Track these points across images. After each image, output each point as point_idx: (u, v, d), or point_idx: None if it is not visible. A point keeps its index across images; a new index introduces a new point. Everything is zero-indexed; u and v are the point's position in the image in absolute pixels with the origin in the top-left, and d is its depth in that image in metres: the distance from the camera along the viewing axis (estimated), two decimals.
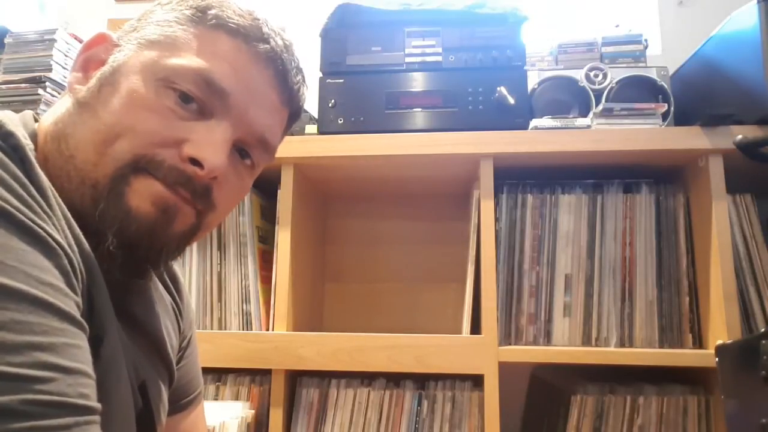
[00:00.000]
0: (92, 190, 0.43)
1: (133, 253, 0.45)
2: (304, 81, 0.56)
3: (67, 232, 0.39)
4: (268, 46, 0.50)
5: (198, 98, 0.46)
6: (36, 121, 0.48)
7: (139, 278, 0.54)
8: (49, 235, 0.36)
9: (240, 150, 0.51)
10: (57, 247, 0.36)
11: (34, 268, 0.34)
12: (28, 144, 0.40)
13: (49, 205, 0.38)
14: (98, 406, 0.35)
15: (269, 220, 1.11)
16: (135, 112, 0.44)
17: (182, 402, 0.65)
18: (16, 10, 1.43)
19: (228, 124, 0.47)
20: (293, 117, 0.57)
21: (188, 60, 0.46)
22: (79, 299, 0.38)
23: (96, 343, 0.40)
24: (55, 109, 0.48)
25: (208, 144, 0.46)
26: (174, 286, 0.63)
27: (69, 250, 0.38)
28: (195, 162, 0.45)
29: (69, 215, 0.40)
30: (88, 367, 0.36)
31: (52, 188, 0.39)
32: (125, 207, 0.43)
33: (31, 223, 0.35)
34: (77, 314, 0.36)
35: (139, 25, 0.50)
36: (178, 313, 0.63)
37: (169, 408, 0.61)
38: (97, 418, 0.35)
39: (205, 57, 0.47)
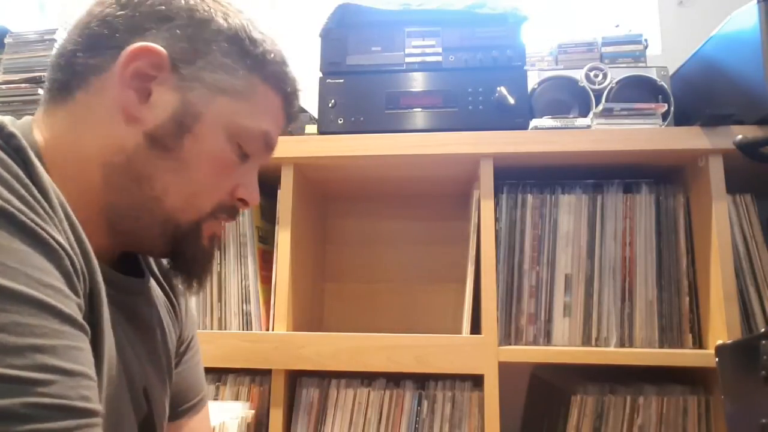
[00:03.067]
0: (175, 229, 0.50)
1: (185, 269, 0.54)
2: None
3: (69, 233, 0.39)
4: (298, 103, 0.58)
5: (252, 153, 0.53)
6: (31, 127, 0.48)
7: (137, 276, 0.54)
8: (51, 236, 0.36)
9: None
10: (59, 248, 0.36)
11: (36, 270, 0.34)
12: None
13: (51, 207, 0.37)
14: (99, 408, 0.35)
15: (269, 220, 1.11)
16: (217, 172, 0.51)
17: (182, 408, 0.65)
18: (16, 10, 1.43)
19: (259, 162, 0.56)
20: None
21: (257, 123, 0.52)
22: (80, 301, 0.38)
23: (97, 346, 0.40)
24: (109, 133, 0.46)
25: (253, 186, 0.54)
26: (169, 287, 0.63)
27: (71, 252, 0.37)
28: (242, 201, 0.54)
29: (72, 216, 0.39)
30: (90, 369, 0.36)
31: (55, 189, 0.39)
32: (201, 247, 0.52)
33: (33, 225, 0.35)
34: (78, 316, 0.36)
35: (197, 55, 0.49)
36: (173, 312, 0.63)
37: (169, 413, 0.60)
38: (98, 420, 0.35)
39: (266, 119, 0.53)
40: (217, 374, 1.01)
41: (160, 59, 0.47)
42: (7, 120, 0.42)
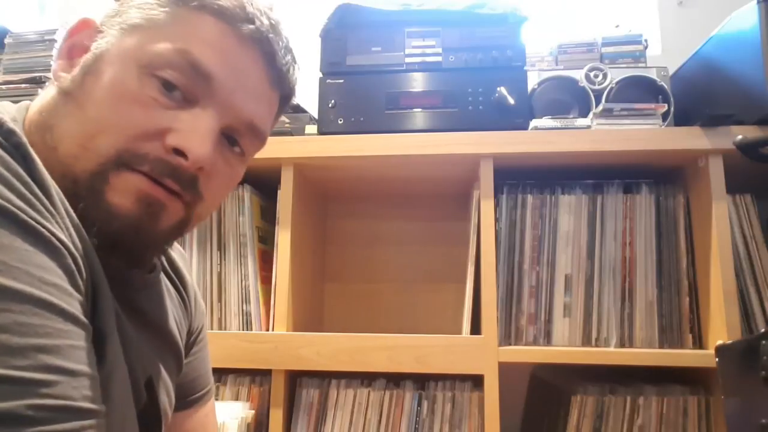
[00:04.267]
0: (73, 185, 0.42)
1: (115, 250, 0.43)
2: (294, 61, 0.54)
3: (71, 230, 0.38)
4: (253, 26, 0.47)
5: (182, 85, 0.44)
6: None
7: (137, 267, 0.53)
8: (53, 234, 0.36)
9: (229, 137, 0.49)
10: (61, 246, 0.36)
11: (38, 269, 0.34)
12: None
13: (53, 204, 0.37)
14: (102, 408, 0.35)
15: (269, 221, 1.11)
16: (118, 104, 0.43)
17: (188, 399, 0.65)
18: (16, 10, 1.43)
19: (213, 111, 0.46)
20: (285, 100, 0.55)
21: (171, 44, 0.44)
22: (83, 299, 0.37)
23: (99, 343, 0.40)
24: (41, 98, 0.47)
25: (193, 133, 0.44)
26: (179, 280, 0.63)
27: (73, 249, 0.37)
28: (179, 152, 0.44)
29: (72, 212, 0.39)
30: (92, 368, 0.36)
31: (56, 186, 0.38)
32: (105, 205, 0.42)
33: (35, 223, 0.35)
34: (81, 315, 0.36)
35: (121, 9, 0.48)
36: (183, 306, 0.63)
37: (177, 404, 0.61)
38: (101, 421, 0.35)
39: (188, 40, 0.45)
40: (217, 374, 1.00)
41: (92, 28, 0.48)
42: (2, 110, 0.42)
